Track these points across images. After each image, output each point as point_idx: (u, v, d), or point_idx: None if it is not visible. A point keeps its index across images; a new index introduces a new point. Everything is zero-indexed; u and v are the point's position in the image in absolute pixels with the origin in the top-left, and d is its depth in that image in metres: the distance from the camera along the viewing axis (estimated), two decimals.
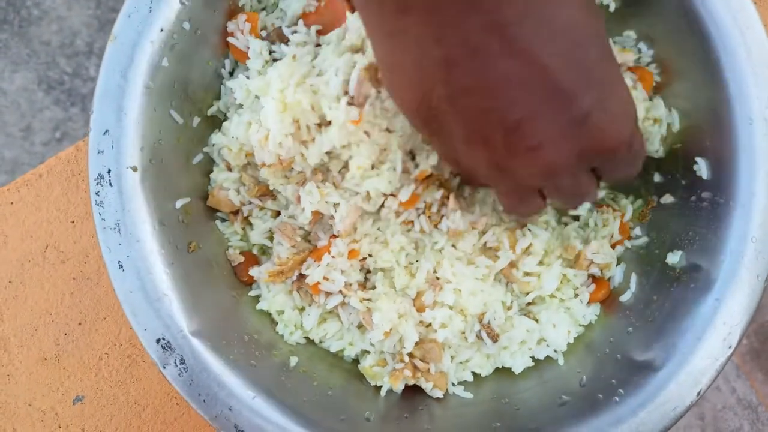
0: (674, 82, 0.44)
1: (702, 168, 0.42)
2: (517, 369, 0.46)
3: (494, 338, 0.44)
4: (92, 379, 0.52)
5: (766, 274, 0.39)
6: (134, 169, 0.40)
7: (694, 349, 0.39)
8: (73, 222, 0.54)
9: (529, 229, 0.45)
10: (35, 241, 0.54)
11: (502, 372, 0.46)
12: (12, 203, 0.54)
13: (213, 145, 0.46)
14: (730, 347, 0.39)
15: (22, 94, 1.22)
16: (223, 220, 0.47)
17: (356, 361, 0.47)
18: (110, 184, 0.40)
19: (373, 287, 0.45)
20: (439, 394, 0.44)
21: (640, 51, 0.46)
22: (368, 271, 0.46)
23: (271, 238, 0.46)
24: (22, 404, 0.52)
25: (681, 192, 0.44)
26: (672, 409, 0.39)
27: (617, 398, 0.39)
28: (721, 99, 0.40)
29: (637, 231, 0.47)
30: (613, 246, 0.47)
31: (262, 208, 0.46)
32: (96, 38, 1.26)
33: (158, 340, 0.39)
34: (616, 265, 0.47)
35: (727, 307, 0.39)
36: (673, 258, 0.43)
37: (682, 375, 0.39)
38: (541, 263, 0.45)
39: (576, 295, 0.46)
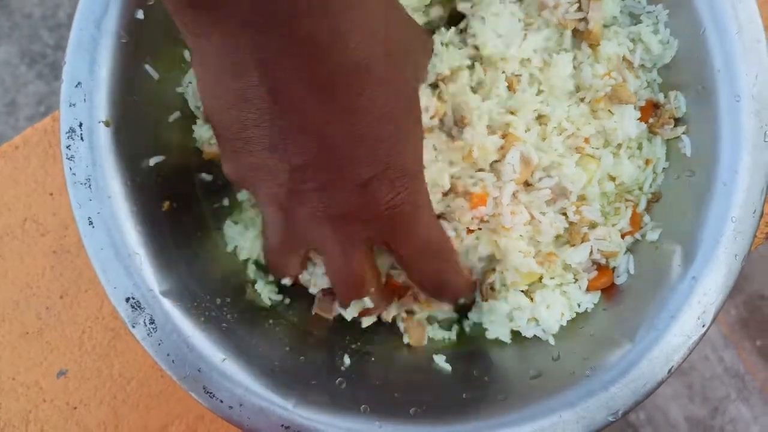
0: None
1: (686, 145, 0.42)
2: (491, 336, 0.44)
3: (484, 297, 0.43)
4: (75, 353, 0.52)
5: (744, 253, 0.39)
6: (107, 124, 0.39)
7: (668, 326, 0.39)
8: (51, 194, 0.53)
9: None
10: (13, 214, 0.53)
11: (474, 342, 0.46)
12: None
13: (188, 84, 0.44)
14: (704, 326, 0.39)
15: (5, 69, 1.20)
16: (209, 172, 0.46)
17: None
18: (81, 138, 0.39)
19: None
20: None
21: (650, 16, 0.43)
22: None
23: None
24: (5, 378, 0.52)
25: (663, 169, 0.44)
26: (642, 385, 0.38)
27: (589, 373, 0.39)
28: (708, 74, 0.39)
29: (645, 218, 0.45)
30: (622, 236, 0.45)
31: None
32: None
33: (128, 299, 0.39)
34: (624, 254, 0.44)
35: (703, 286, 0.39)
36: (653, 235, 0.43)
37: (654, 352, 0.39)
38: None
39: (576, 281, 0.45)
